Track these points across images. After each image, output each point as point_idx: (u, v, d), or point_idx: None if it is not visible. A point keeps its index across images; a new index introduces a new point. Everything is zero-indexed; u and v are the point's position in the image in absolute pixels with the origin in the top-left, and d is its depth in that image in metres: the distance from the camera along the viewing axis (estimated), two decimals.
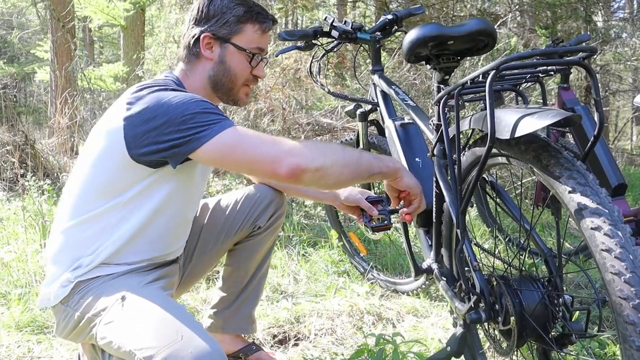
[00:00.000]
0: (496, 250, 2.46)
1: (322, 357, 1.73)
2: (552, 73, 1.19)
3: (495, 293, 1.20)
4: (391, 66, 4.51)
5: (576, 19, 6.05)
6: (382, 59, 2.11)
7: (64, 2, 6.98)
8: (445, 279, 1.44)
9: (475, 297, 1.21)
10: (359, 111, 2.15)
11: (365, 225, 1.62)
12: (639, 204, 4.33)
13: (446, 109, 1.28)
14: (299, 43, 1.98)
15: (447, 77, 1.47)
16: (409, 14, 2.06)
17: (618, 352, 1.61)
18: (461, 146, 1.25)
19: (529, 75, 1.18)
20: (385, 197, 1.68)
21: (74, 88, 6.15)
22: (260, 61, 1.43)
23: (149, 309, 1.18)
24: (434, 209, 1.46)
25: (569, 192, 0.96)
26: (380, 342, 1.61)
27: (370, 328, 1.93)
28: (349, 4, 7.40)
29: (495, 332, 1.27)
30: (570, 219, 1.01)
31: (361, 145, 2.16)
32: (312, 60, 2.12)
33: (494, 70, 1.03)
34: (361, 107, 2.15)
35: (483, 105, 1.15)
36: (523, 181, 3.58)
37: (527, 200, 3.70)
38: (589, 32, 5.89)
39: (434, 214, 1.47)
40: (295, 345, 1.83)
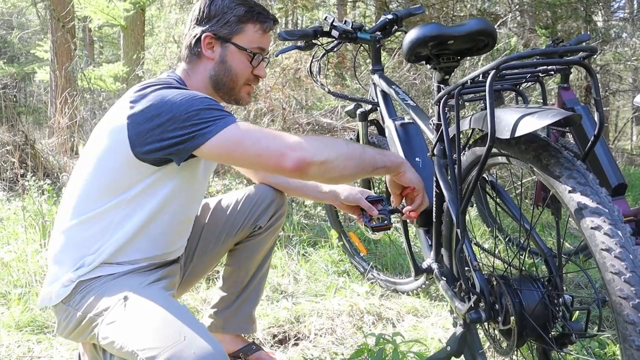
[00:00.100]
0: (496, 250, 2.46)
1: (322, 357, 1.73)
2: (552, 73, 1.19)
3: (495, 293, 1.20)
4: (391, 66, 4.51)
5: (576, 18, 6.05)
6: (382, 58, 2.11)
7: (64, 2, 6.98)
8: (445, 278, 1.44)
9: (475, 297, 1.21)
10: (359, 111, 2.15)
11: (365, 225, 1.62)
12: (639, 204, 4.33)
13: (446, 109, 1.28)
14: (299, 43, 1.98)
15: (447, 77, 1.47)
16: (409, 13, 2.06)
17: (618, 352, 1.61)
18: (461, 146, 1.25)
19: (529, 75, 1.19)
20: (385, 197, 1.68)
21: (74, 88, 6.15)
22: (262, 61, 1.43)
23: (152, 310, 1.18)
24: (434, 209, 1.46)
25: (569, 192, 0.96)
26: (380, 342, 1.61)
27: (370, 328, 1.93)
28: (349, 3, 7.40)
29: (495, 332, 1.27)
30: (570, 218, 1.01)
31: None
32: (312, 60, 2.12)
33: (494, 70, 1.03)
34: (361, 107, 2.16)
35: (483, 105, 1.15)
36: (523, 181, 3.58)
37: (527, 200, 3.70)
38: (589, 32, 5.89)
39: (434, 214, 1.47)
40: (295, 345, 1.83)
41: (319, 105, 4.70)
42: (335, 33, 1.93)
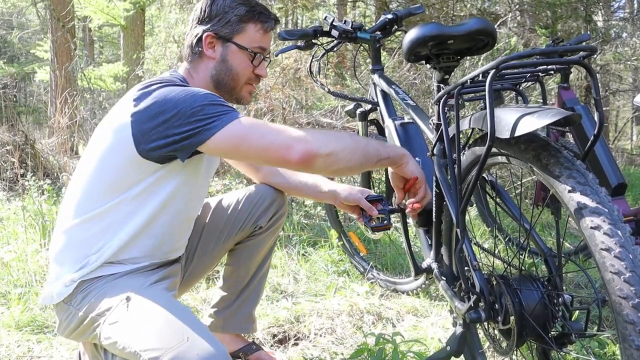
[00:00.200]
0: (496, 250, 2.46)
1: (322, 357, 1.73)
2: (552, 72, 1.19)
3: (495, 292, 1.20)
4: (391, 66, 4.51)
5: (576, 18, 6.04)
6: (382, 58, 2.11)
7: (64, 2, 6.98)
8: (445, 278, 1.44)
9: (475, 297, 1.21)
10: (358, 111, 2.15)
11: (364, 225, 1.62)
12: (638, 204, 4.33)
13: (446, 109, 1.28)
14: (299, 42, 1.98)
15: (447, 77, 1.47)
16: (409, 13, 2.06)
17: (618, 352, 1.61)
18: (461, 145, 1.25)
19: (529, 74, 1.19)
20: (385, 197, 1.68)
21: (74, 88, 6.15)
22: (263, 60, 1.43)
23: (154, 310, 1.18)
24: (434, 209, 1.46)
25: (569, 192, 0.96)
26: (380, 342, 1.61)
27: (370, 327, 1.93)
28: (349, 3, 7.40)
29: (495, 332, 1.27)
30: (570, 218, 1.01)
31: None
32: (312, 60, 2.12)
33: (494, 70, 1.03)
34: (361, 107, 2.15)
35: (483, 104, 1.15)
36: (523, 181, 3.58)
37: (527, 199, 3.70)
38: (589, 32, 5.89)
39: (433, 214, 1.47)
40: (295, 344, 1.83)
41: (319, 105, 4.69)
42: (335, 33, 1.93)
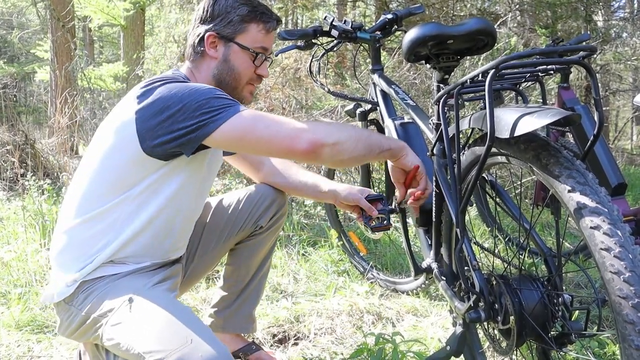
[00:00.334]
0: (496, 250, 2.46)
1: (322, 357, 1.73)
2: (552, 72, 1.19)
3: (494, 292, 1.20)
4: (391, 65, 4.51)
5: (576, 18, 6.04)
6: (382, 58, 2.11)
7: (64, 2, 6.99)
8: (444, 278, 1.44)
9: (474, 297, 1.21)
10: (358, 110, 2.15)
11: (364, 225, 1.62)
12: (638, 204, 4.34)
13: (446, 108, 1.28)
14: (299, 42, 1.98)
15: (447, 77, 1.47)
16: (409, 13, 2.06)
17: (617, 352, 1.61)
18: (461, 145, 1.25)
19: (529, 74, 1.19)
20: (385, 197, 1.68)
21: (73, 88, 6.15)
22: (264, 60, 1.44)
23: (157, 312, 1.18)
24: (434, 208, 1.46)
25: (569, 191, 0.96)
26: (380, 342, 1.61)
27: (370, 327, 1.93)
28: (349, 3, 7.40)
29: (495, 332, 1.27)
30: (569, 218, 1.01)
31: None
32: (312, 60, 2.12)
33: (494, 70, 1.03)
34: (361, 107, 2.16)
35: (483, 104, 1.15)
36: (523, 180, 3.58)
37: (527, 199, 3.70)
38: (589, 32, 5.89)
39: (433, 213, 1.47)
40: (295, 344, 1.83)
41: (319, 105, 4.69)
42: (335, 33, 1.93)
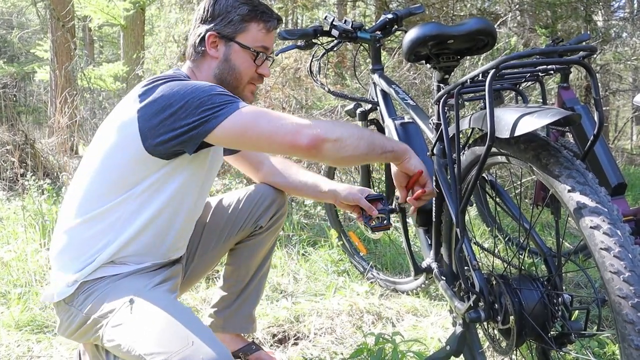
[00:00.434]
0: (496, 250, 2.46)
1: (322, 357, 1.73)
2: (552, 72, 1.19)
3: (494, 292, 1.20)
4: (391, 65, 4.50)
5: (576, 18, 6.04)
6: (382, 58, 2.11)
7: (63, 2, 6.99)
8: (444, 278, 1.44)
9: (474, 296, 1.21)
10: (358, 110, 2.15)
11: (364, 225, 1.62)
12: (638, 204, 4.34)
13: (446, 108, 1.28)
14: (299, 42, 1.98)
15: (447, 76, 1.47)
16: (409, 13, 2.06)
17: (617, 352, 1.61)
18: (461, 145, 1.25)
19: (529, 74, 1.19)
20: (385, 197, 1.68)
21: (73, 87, 6.16)
22: (265, 60, 1.44)
23: (158, 314, 1.18)
24: (434, 208, 1.46)
25: (569, 191, 0.96)
26: (380, 342, 1.61)
27: (369, 327, 1.93)
28: (349, 3, 7.39)
29: (495, 331, 1.27)
30: (569, 218, 1.01)
31: None
32: (312, 60, 2.12)
33: (494, 70, 1.03)
34: (361, 107, 2.15)
35: (483, 104, 1.15)
36: (523, 180, 3.58)
37: (527, 199, 3.69)
38: (589, 32, 5.89)
39: (433, 213, 1.47)
40: (295, 344, 1.83)
41: (319, 104, 4.69)
42: (335, 32, 1.93)
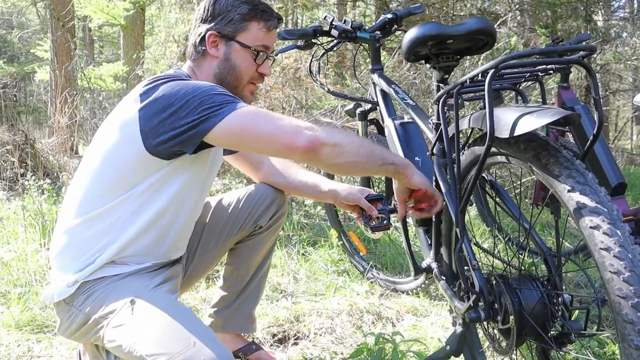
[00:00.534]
0: (495, 250, 2.46)
1: (322, 356, 1.73)
2: (552, 72, 1.19)
3: (494, 292, 1.20)
4: (391, 65, 4.51)
5: (576, 18, 6.04)
6: (382, 58, 2.11)
7: (63, 2, 6.98)
8: (444, 278, 1.44)
9: (474, 296, 1.21)
10: (358, 110, 2.15)
11: (364, 225, 1.62)
12: (638, 203, 4.34)
13: (445, 108, 1.28)
14: (299, 42, 1.98)
15: (447, 76, 1.48)
16: (409, 13, 2.06)
17: (617, 351, 1.61)
18: (460, 145, 1.25)
19: (529, 74, 1.19)
20: (385, 196, 1.68)
21: (73, 87, 6.15)
22: (266, 59, 1.43)
23: (159, 315, 1.18)
24: None
25: (568, 191, 0.96)
26: (380, 341, 1.61)
27: (369, 327, 1.93)
28: (348, 3, 7.39)
29: (495, 331, 1.27)
30: (569, 218, 1.01)
31: None
32: (312, 60, 2.12)
33: (493, 69, 1.03)
34: (361, 106, 2.15)
35: (482, 104, 1.15)
36: (522, 180, 3.58)
37: (527, 199, 3.69)
38: (589, 32, 5.89)
39: None
40: (295, 344, 1.83)
41: (319, 104, 4.69)
42: (335, 32, 1.93)
